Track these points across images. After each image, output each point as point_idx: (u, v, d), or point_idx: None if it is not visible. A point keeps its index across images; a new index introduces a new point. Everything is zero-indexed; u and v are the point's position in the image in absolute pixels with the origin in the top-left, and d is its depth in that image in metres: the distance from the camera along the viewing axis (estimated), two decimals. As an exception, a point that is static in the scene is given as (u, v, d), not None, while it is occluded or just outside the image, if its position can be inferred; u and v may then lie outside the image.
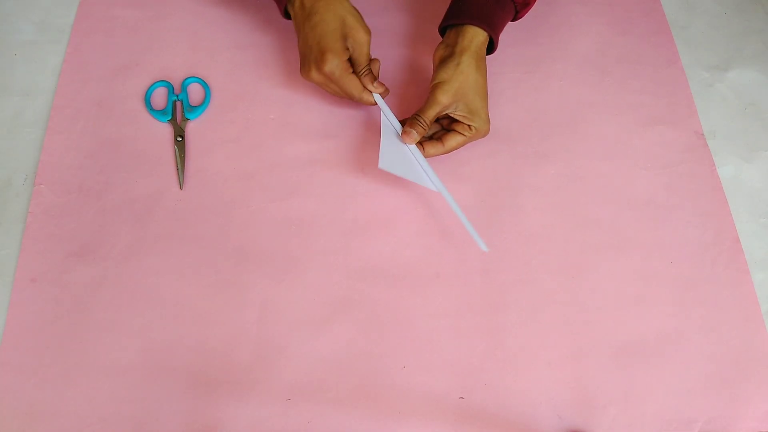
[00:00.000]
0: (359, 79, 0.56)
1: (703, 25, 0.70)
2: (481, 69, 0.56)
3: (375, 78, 0.57)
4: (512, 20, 0.59)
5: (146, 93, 0.62)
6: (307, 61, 0.56)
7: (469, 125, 0.55)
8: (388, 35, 0.67)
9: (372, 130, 0.61)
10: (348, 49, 0.55)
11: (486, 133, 0.57)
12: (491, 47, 0.58)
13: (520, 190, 0.59)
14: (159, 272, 0.54)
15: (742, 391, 0.51)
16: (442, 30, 0.59)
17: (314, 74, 0.55)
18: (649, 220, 0.58)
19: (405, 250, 0.56)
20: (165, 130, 0.60)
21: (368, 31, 0.56)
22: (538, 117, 0.63)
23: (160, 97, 0.62)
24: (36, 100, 0.62)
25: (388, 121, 0.57)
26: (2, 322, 0.51)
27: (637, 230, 0.57)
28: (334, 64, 0.54)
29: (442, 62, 0.56)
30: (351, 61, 0.56)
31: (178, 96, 0.62)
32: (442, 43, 0.58)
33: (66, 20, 0.66)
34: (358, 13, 0.56)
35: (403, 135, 0.55)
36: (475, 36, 0.55)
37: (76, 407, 0.49)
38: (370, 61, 0.57)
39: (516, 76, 0.65)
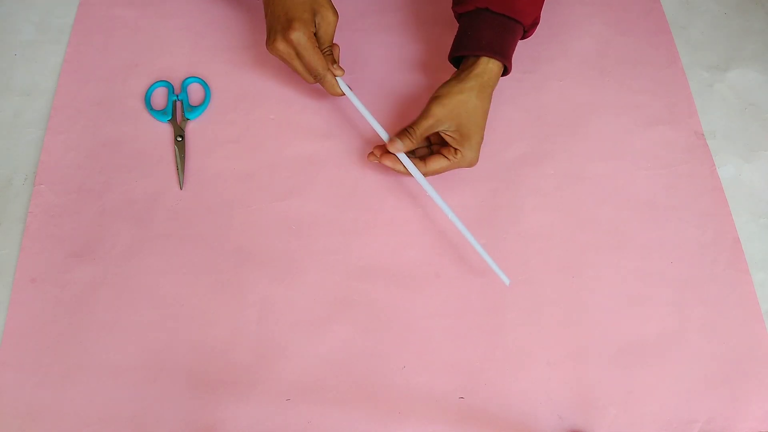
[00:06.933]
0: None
1: (703, 25, 0.70)
2: (484, 96, 0.54)
3: (335, 61, 0.56)
4: (520, 39, 0.58)
5: (146, 93, 0.62)
6: (273, 31, 0.54)
7: (456, 149, 0.53)
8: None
9: (372, 130, 0.61)
10: (315, 24, 0.54)
11: (472, 163, 0.55)
12: (504, 71, 0.57)
13: (520, 190, 0.59)
14: (159, 272, 0.54)
15: (742, 391, 0.51)
16: (455, 60, 0.58)
17: (280, 44, 0.53)
18: (649, 220, 0.58)
19: (405, 250, 0.56)
20: (165, 130, 0.60)
21: (336, 13, 0.54)
22: (537, 117, 0.63)
23: (160, 97, 0.62)
24: (36, 100, 0.62)
25: (365, 117, 0.55)
26: (2, 322, 0.51)
27: (637, 230, 0.58)
28: (301, 32, 0.52)
29: (446, 81, 0.54)
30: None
31: (178, 96, 0.62)
32: (455, 74, 0.56)
33: (66, 20, 0.66)
34: None
35: (389, 144, 0.53)
36: (487, 64, 0.54)
37: (76, 407, 0.49)
38: (332, 45, 0.56)
39: (515, 75, 0.64)
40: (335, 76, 0.55)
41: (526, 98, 0.63)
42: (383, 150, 0.55)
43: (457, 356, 0.52)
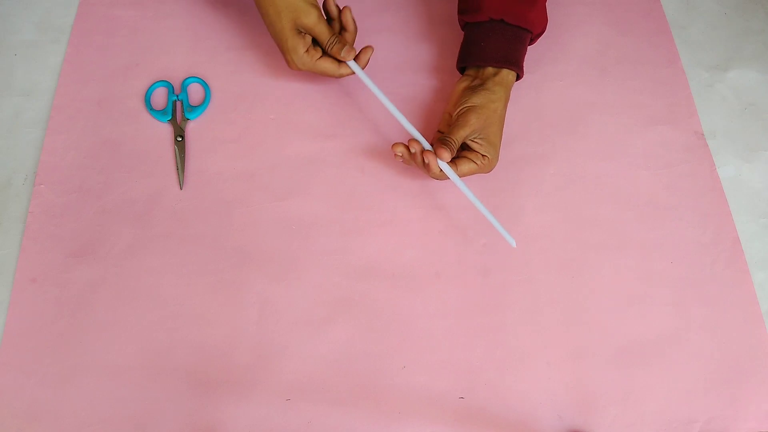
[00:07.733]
0: (331, 56, 0.56)
1: (703, 25, 0.70)
2: (506, 105, 0.56)
3: (344, 44, 0.55)
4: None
5: (146, 93, 0.62)
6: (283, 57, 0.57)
7: (483, 155, 0.54)
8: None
9: (372, 130, 0.61)
10: (304, 33, 0.55)
11: (492, 168, 0.55)
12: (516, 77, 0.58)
13: (519, 190, 0.59)
14: (159, 272, 0.54)
15: (742, 391, 0.51)
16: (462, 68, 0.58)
17: (293, 69, 0.57)
18: (649, 220, 0.58)
19: (405, 250, 0.56)
20: (165, 130, 0.60)
21: (315, 8, 0.53)
22: (537, 117, 0.63)
23: (160, 97, 0.62)
24: (36, 100, 0.62)
25: (378, 95, 0.55)
26: (2, 322, 0.52)
27: (637, 230, 0.58)
28: (297, 58, 0.55)
29: (471, 89, 0.55)
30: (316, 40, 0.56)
31: (178, 96, 0.62)
32: (466, 76, 0.57)
33: (66, 20, 0.66)
34: None
35: (439, 154, 0.51)
36: (508, 75, 0.56)
37: (76, 407, 0.49)
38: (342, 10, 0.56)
39: (516, 76, 0.65)
40: (347, 61, 0.56)
41: (526, 98, 0.63)
42: (417, 147, 0.53)
43: (457, 356, 0.52)
